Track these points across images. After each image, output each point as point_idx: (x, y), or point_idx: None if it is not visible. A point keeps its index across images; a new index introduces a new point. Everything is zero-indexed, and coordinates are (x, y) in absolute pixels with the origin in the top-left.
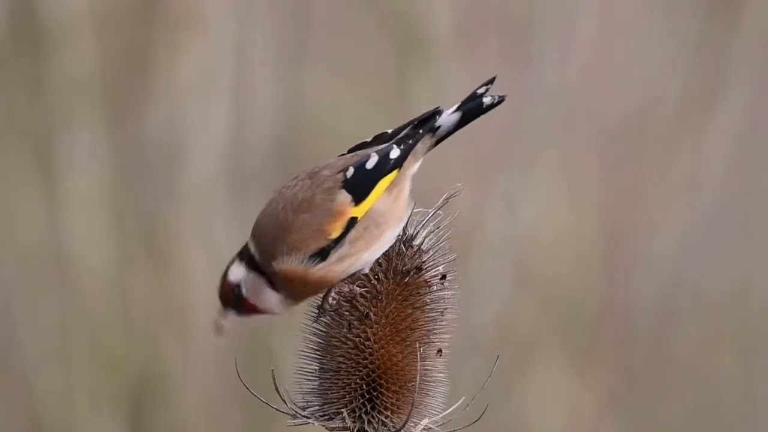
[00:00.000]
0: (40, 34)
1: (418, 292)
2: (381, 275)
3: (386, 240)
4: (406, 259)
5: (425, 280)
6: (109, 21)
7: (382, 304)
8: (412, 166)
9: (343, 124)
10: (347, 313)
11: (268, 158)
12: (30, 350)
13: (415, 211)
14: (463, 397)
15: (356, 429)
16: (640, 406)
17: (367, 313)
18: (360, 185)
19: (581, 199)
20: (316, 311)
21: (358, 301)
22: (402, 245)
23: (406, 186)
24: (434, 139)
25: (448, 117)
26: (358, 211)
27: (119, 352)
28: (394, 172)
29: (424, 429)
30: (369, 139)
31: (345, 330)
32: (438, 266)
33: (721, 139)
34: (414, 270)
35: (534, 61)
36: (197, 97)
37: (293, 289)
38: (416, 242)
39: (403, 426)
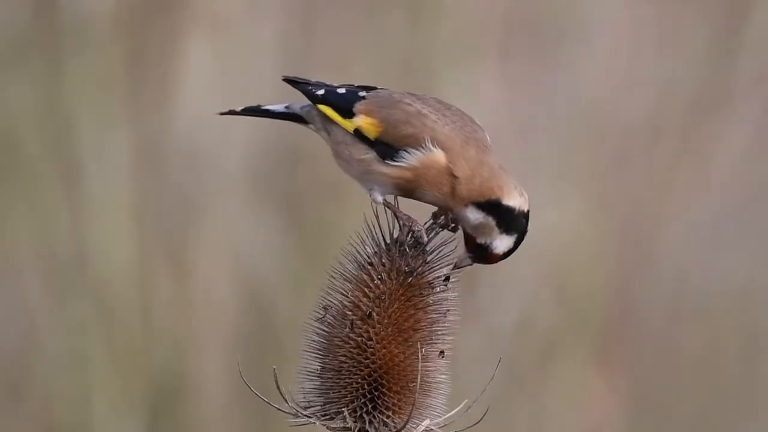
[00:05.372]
0: (61, 33)
1: (421, 293)
2: (384, 275)
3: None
4: (410, 260)
5: (428, 281)
6: (131, 21)
7: (384, 304)
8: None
9: None
10: (350, 313)
11: (285, 159)
12: (49, 352)
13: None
14: (466, 400)
15: (357, 429)
16: (656, 408)
17: (370, 312)
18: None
19: (596, 201)
20: (321, 311)
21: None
22: (406, 246)
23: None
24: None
25: None
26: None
27: (138, 354)
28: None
29: (425, 430)
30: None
31: (347, 329)
32: (442, 267)
33: (733, 141)
34: (417, 271)
35: (550, 66)
36: (218, 98)
37: None
38: (420, 243)
39: (404, 426)
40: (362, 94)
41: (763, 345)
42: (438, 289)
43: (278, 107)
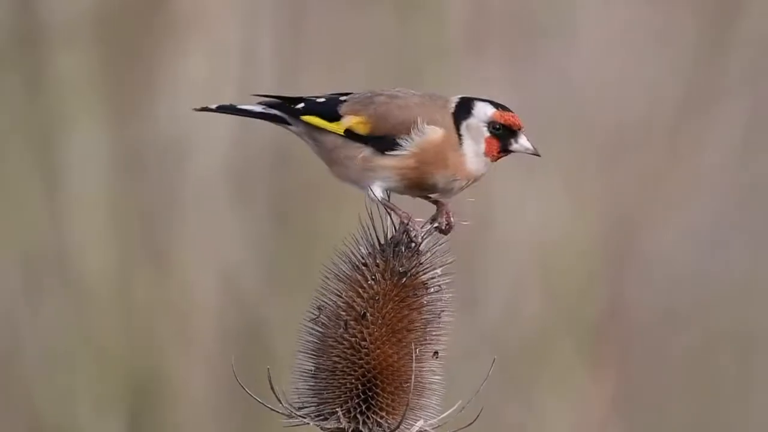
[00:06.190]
0: (41, 34)
1: (415, 294)
2: (378, 276)
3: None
4: (404, 260)
5: (423, 282)
6: (112, 21)
7: (378, 304)
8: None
9: None
10: (344, 313)
11: (269, 160)
12: (32, 352)
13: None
14: (459, 401)
15: (351, 429)
16: (647, 407)
17: (364, 313)
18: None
19: (585, 201)
20: (315, 311)
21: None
22: (401, 246)
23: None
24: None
25: None
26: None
27: (120, 354)
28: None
29: (419, 430)
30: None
31: (341, 330)
32: (436, 268)
33: (723, 140)
34: (411, 271)
35: (537, 64)
36: (200, 98)
37: None
38: (414, 244)
39: (398, 427)
40: (342, 98)
41: (756, 344)
42: (432, 289)
43: (256, 107)
